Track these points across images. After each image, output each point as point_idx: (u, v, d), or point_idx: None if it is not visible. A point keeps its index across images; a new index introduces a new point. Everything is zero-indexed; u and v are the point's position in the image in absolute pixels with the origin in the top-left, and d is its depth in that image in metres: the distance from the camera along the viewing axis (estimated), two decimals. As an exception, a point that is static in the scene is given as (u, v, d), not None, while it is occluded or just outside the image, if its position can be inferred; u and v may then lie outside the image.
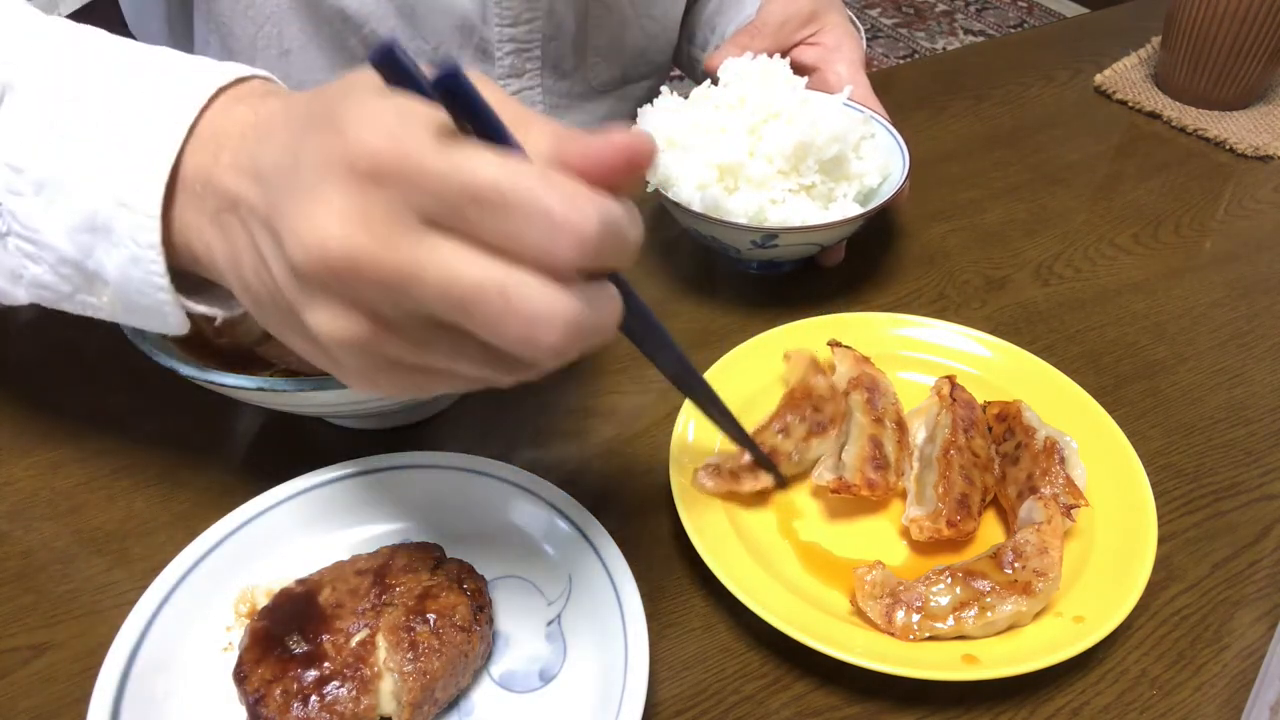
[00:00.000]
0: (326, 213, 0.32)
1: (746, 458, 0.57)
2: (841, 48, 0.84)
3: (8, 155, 0.43)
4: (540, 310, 0.32)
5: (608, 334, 0.35)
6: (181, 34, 0.88)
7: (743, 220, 0.70)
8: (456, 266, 0.32)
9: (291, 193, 0.33)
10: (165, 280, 0.43)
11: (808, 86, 0.75)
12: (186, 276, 0.44)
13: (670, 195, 0.72)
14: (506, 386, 0.38)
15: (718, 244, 0.74)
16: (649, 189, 0.73)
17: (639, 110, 0.77)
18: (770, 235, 0.70)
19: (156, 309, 0.45)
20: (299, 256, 0.33)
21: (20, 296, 0.48)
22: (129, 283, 0.44)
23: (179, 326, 0.46)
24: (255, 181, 0.37)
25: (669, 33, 1.01)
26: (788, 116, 0.71)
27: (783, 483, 0.58)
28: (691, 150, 0.72)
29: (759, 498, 0.58)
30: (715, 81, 0.76)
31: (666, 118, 0.74)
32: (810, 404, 0.60)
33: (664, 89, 0.78)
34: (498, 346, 0.33)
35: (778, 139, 0.70)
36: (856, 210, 0.72)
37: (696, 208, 0.70)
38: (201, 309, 0.46)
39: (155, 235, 0.42)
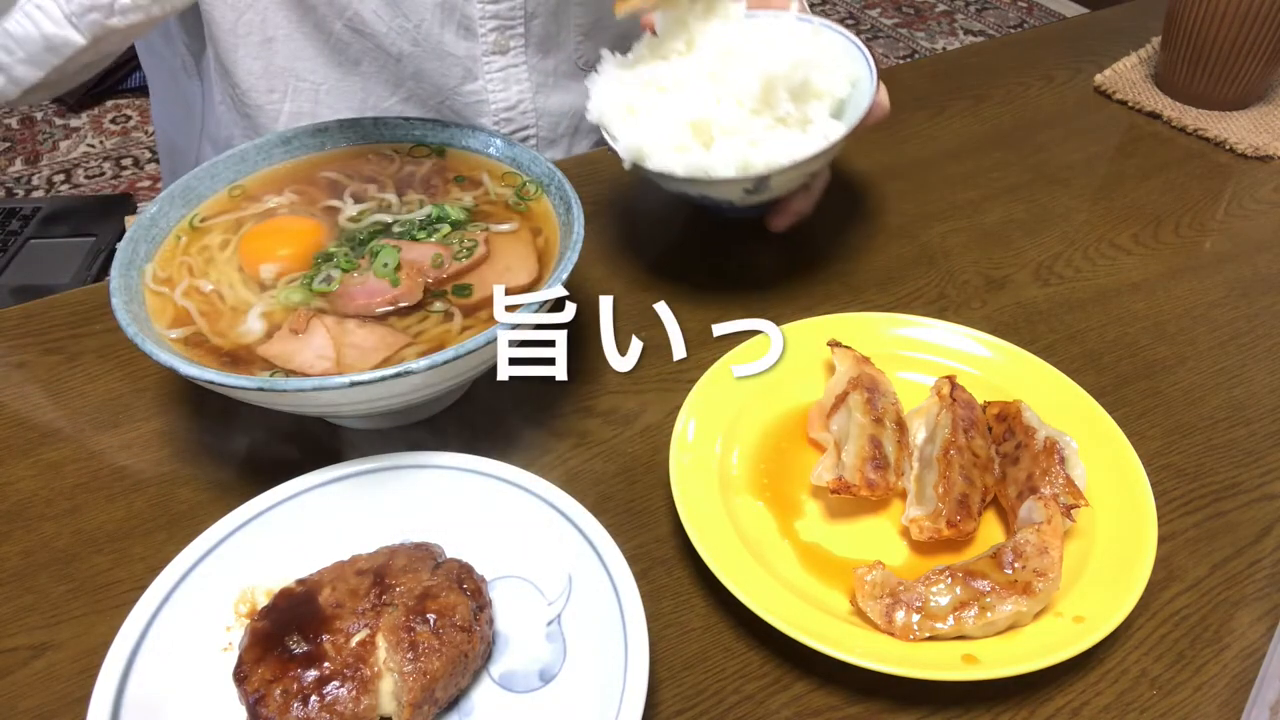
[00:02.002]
0: None
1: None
2: None
3: None
4: None
5: None
6: (162, 25, 0.89)
7: (731, 173, 0.67)
8: None
9: None
10: None
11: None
12: None
13: (650, 168, 0.68)
14: None
15: (709, 200, 0.74)
16: (626, 167, 0.70)
17: (587, 83, 0.73)
18: (762, 179, 0.67)
19: None
20: None
21: None
22: None
23: None
24: None
25: None
26: (743, 53, 0.68)
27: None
28: (654, 112, 0.69)
29: (768, 495, 0.59)
30: (655, 32, 0.73)
31: (619, 86, 0.71)
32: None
33: (604, 51, 0.74)
34: None
35: (742, 80, 0.67)
36: (836, 126, 0.70)
37: (681, 173, 0.68)
38: None
39: None
